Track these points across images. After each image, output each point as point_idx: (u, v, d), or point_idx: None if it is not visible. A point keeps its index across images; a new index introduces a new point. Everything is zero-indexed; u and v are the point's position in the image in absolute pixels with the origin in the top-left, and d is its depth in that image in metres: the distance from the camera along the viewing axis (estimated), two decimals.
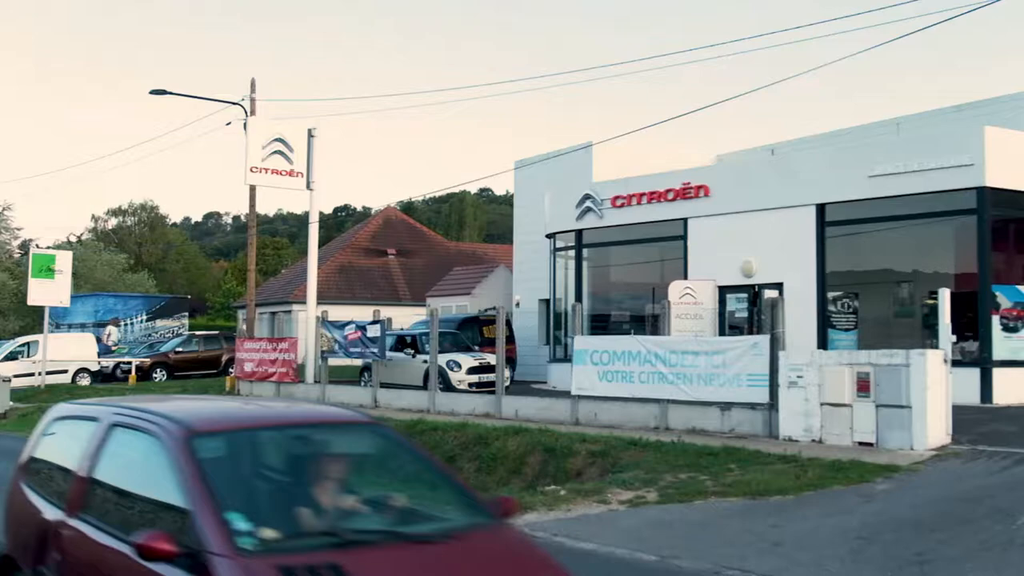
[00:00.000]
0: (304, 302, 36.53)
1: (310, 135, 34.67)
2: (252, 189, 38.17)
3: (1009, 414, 22.01)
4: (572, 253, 34.03)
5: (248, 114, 36.82)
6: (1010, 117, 27.85)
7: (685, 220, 30.15)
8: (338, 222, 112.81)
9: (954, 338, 19.83)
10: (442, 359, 29.34)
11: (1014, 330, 24.55)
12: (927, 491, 14.22)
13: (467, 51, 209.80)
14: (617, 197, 31.59)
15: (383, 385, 30.00)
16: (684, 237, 30.19)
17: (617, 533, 12.69)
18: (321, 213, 38.64)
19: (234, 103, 38.24)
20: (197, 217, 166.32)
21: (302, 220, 62.64)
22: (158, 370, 47.27)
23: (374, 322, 30.47)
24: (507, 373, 28.18)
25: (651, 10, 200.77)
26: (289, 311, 52.28)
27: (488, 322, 34.86)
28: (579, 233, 33.34)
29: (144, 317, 61.36)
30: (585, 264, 33.84)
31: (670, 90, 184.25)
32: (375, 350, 30.07)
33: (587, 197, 32.40)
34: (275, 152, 34.09)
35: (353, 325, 31.27)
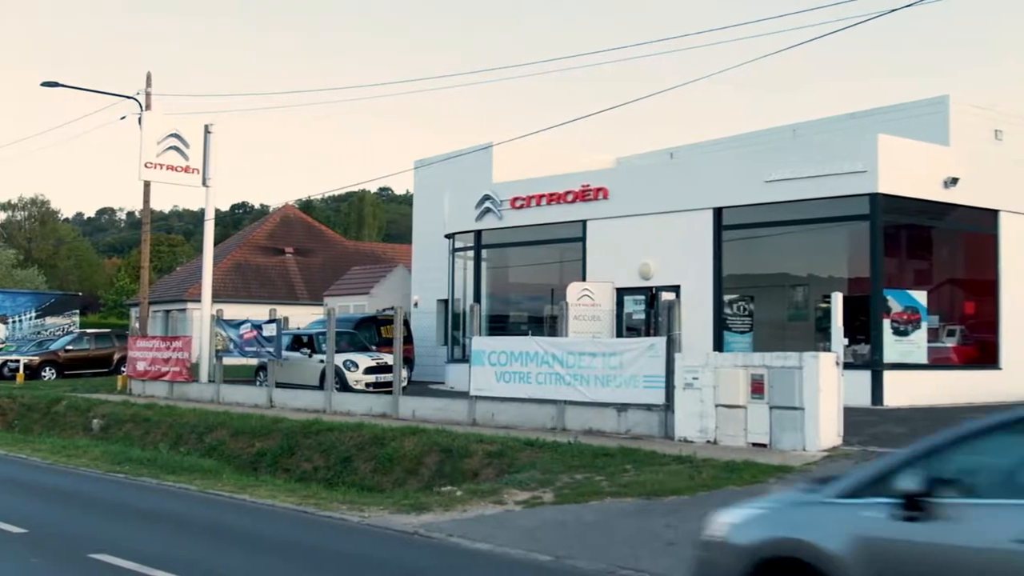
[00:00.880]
0: (199, 300, 36.04)
1: (207, 131, 34.22)
2: (147, 185, 37.57)
3: (899, 416, 22.40)
4: (471, 254, 33.99)
5: (143, 109, 36.22)
6: (903, 126, 28.36)
7: (584, 222, 30.26)
8: (235, 220, 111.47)
9: (846, 341, 20.15)
10: (339, 359, 29.16)
11: (904, 334, 25.01)
12: None
13: (369, 48, 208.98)
14: (517, 198, 31.61)
15: (279, 385, 29.73)
16: (583, 239, 30.30)
17: (513, 534, 12.67)
18: (218, 210, 38.14)
19: (129, 97, 37.62)
20: (90, 213, 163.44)
21: (198, 217, 61.75)
22: (47, 369, 46.18)
23: (270, 321, 30.19)
24: (405, 373, 28.07)
25: (552, 12, 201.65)
26: (184, 309, 51.59)
27: (386, 322, 34.69)
28: (478, 234, 33.31)
29: (33, 314, 60.00)
30: (484, 265, 33.81)
31: (572, 92, 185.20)
32: (271, 349, 29.79)
33: (487, 198, 32.37)
34: (171, 148, 33.59)
35: (249, 324, 30.96)
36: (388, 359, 28.82)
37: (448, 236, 34.98)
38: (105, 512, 16.60)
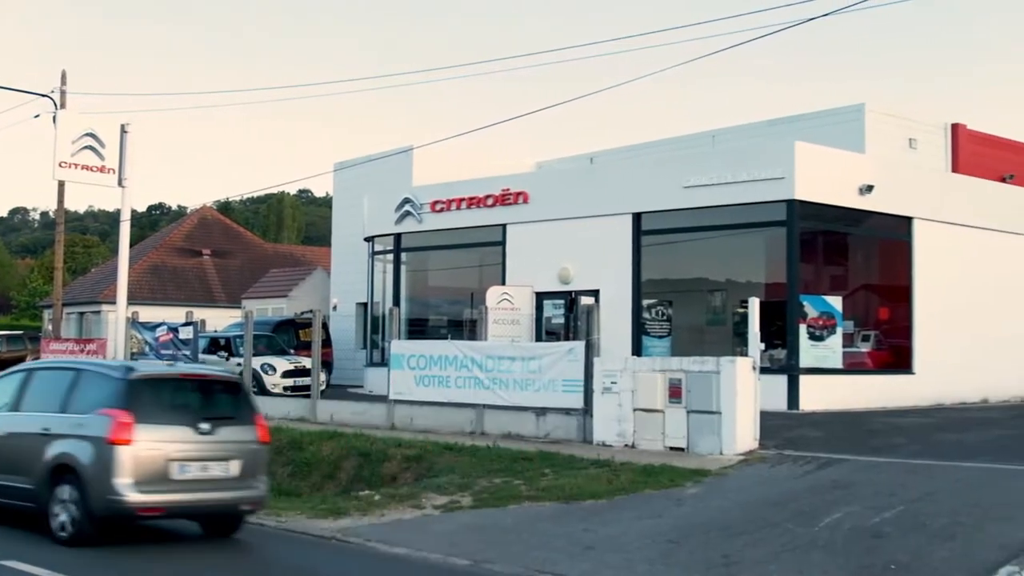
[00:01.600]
0: (114, 302, 35.41)
1: (123, 131, 33.65)
2: (61, 185, 36.99)
3: (814, 420, 22.65)
4: (391, 257, 33.85)
5: (58, 107, 35.67)
6: (820, 133, 28.72)
7: (504, 226, 30.27)
8: (152, 221, 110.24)
9: (763, 346, 20.30)
10: (256, 362, 28.88)
11: (820, 339, 25.28)
12: (735, 495, 14.53)
13: (290, 50, 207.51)
14: (437, 202, 31.53)
15: None
16: (503, 243, 30.30)
17: (431, 538, 12.63)
18: (134, 211, 37.69)
19: (43, 95, 37.02)
20: (2, 212, 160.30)
21: (114, 218, 61.08)
22: None
23: (186, 324, 29.85)
24: (323, 377, 27.89)
25: (476, 16, 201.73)
26: (98, 311, 50.88)
27: (304, 325, 34.48)
28: (398, 237, 33.18)
29: None
30: (404, 268, 33.70)
31: (493, 96, 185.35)
32: (187, 352, 29.42)
33: (407, 201, 32.26)
34: (86, 147, 32.97)
35: (165, 327, 30.57)
36: (306, 362, 28.64)
37: (368, 239, 34.82)
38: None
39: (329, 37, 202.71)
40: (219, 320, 38.15)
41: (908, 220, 27.66)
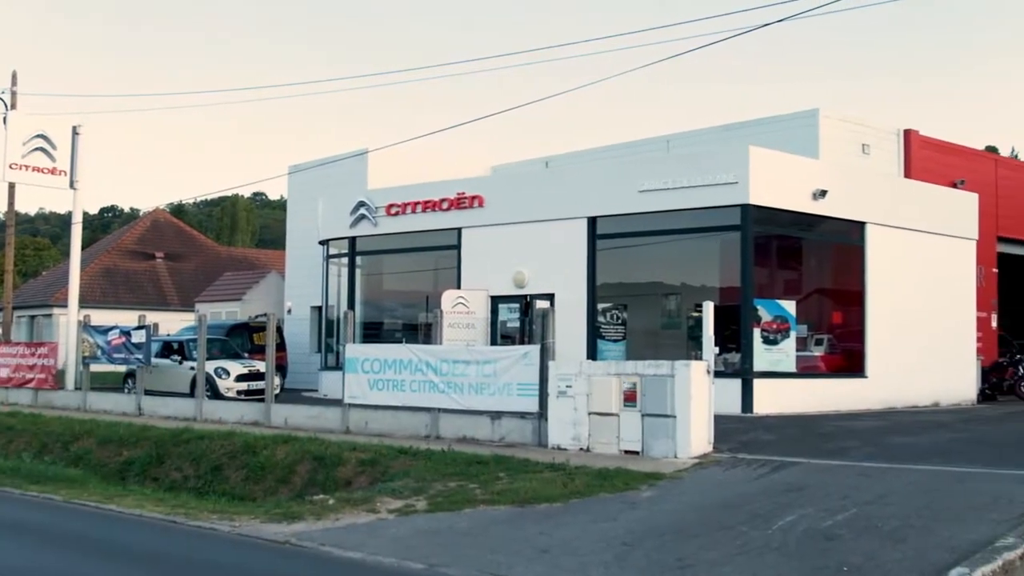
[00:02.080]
0: (66, 305, 35.25)
1: (75, 132, 33.47)
2: (11, 187, 36.68)
3: (768, 423, 22.79)
4: (346, 260, 33.76)
5: (8, 108, 35.37)
6: (774, 138, 28.93)
7: (459, 230, 30.26)
8: (104, 223, 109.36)
9: (717, 350, 20.41)
10: (210, 366, 28.76)
11: (774, 343, 25.45)
12: (689, 498, 14.56)
13: (245, 51, 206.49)
14: (392, 205, 31.48)
15: (148, 392, 29.16)
16: (458, 247, 30.29)
17: (385, 542, 12.57)
18: (86, 214, 37.40)
19: None
20: None
21: (65, 220, 60.47)
22: None
23: (139, 327, 29.62)
24: (277, 381, 27.72)
25: (431, 19, 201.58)
26: (50, 315, 50.48)
27: (258, 329, 34.32)
28: (353, 240, 33.11)
29: None
30: (359, 272, 33.64)
31: (449, 99, 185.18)
32: (140, 356, 29.24)
33: (361, 204, 32.20)
34: (37, 149, 32.79)
35: (117, 330, 30.33)
36: (260, 366, 28.54)
37: (322, 242, 34.74)
38: None
39: (284, 40, 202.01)
40: (172, 324, 37.94)
41: (861, 225, 27.90)
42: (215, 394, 28.75)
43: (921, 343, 28.47)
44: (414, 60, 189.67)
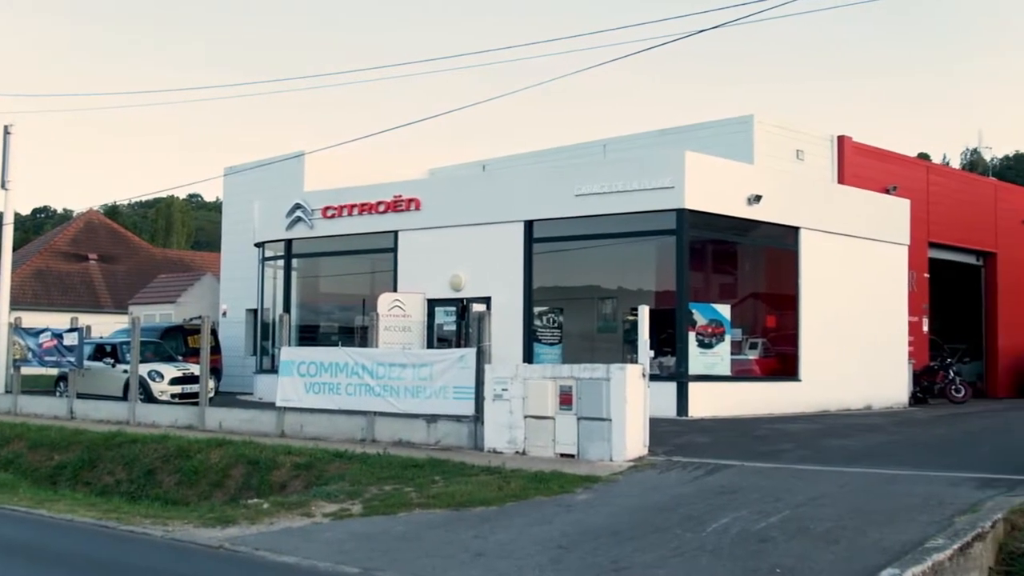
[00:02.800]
0: None
1: (6, 132, 33.05)
2: None
3: (703, 426, 22.93)
4: (281, 263, 33.57)
5: None
6: (710, 143, 29.13)
7: (396, 233, 30.17)
8: (36, 224, 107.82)
9: (652, 353, 20.51)
10: (143, 369, 28.49)
11: (709, 346, 25.61)
12: (624, 501, 14.62)
13: (180, 51, 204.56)
14: (328, 208, 31.34)
15: (80, 396, 28.85)
16: (395, 250, 30.20)
17: (320, 546, 12.52)
18: (17, 215, 36.98)
19: None
20: None
21: None
22: None
23: (71, 330, 29.29)
24: (212, 384, 27.51)
25: (367, 22, 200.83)
26: None
27: (193, 331, 34.04)
28: (289, 243, 32.92)
29: None
30: (295, 274, 33.46)
31: (386, 103, 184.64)
32: (72, 359, 28.91)
33: (298, 207, 32.03)
34: None
35: (49, 333, 29.97)
36: (195, 369, 28.33)
37: (258, 245, 34.52)
38: None
39: (219, 40, 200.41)
40: (106, 326, 37.48)
41: (795, 230, 28.14)
42: (149, 397, 28.47)
43: (854, 347, 28.77)
44: (351, 63, 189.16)
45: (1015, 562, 11.78)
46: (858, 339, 28.97)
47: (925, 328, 36.30)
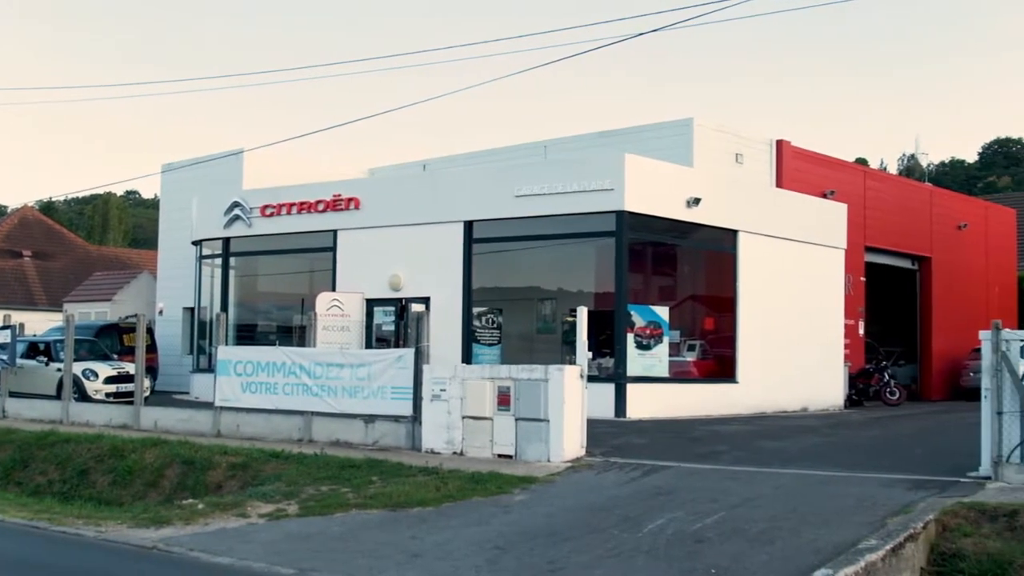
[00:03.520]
0: None
1: None
2: None
3: (640, 427, 23.02)
4: (219, 261, 33.32)
5: None
6: (650, 146, 29.26)
7: (335, 232, 30.03)
8: None
9: (591, 354, 20.56)
10: (77, 367, 28.12)
11: (647, 348, 25.70)
12: (561, 501, 14.65)
13: (118, 46, 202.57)
14: (267, 206, 31.14)
15: (13, 394, 28.42)
16: (334, 249, 30.07)
17: (255, 547, 12.44)
18: None
19: None
20: None
21: None
22: None
23: (3, 327, 28.85)
24: (147, 383, 27.22)
25: (308, 18, 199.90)
26: None
27: (129, 330, 33.65)
28: (227, 241, 32.67)
29: None
30: (232, 273, 33.21)
31: (326, 101, 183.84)
32: (4, 357, 28.47)
33: (236, 205, 31.79)
34: None
35: None
36: (130, 368, 28.01)
37: (195, 243, 34.23)
38: None
39: (157, 35, 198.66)
40: (40, 324, 37.04)
41: (733, 233, 28.32)
42: (83, 396, 28.12)
43: (791, 349, 29.01)
44: (291, 61, 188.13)
45: (946, 562, 11.92)
46: (795, 342, 29.21)
47: (861, 331, 36.66)
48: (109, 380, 29.34)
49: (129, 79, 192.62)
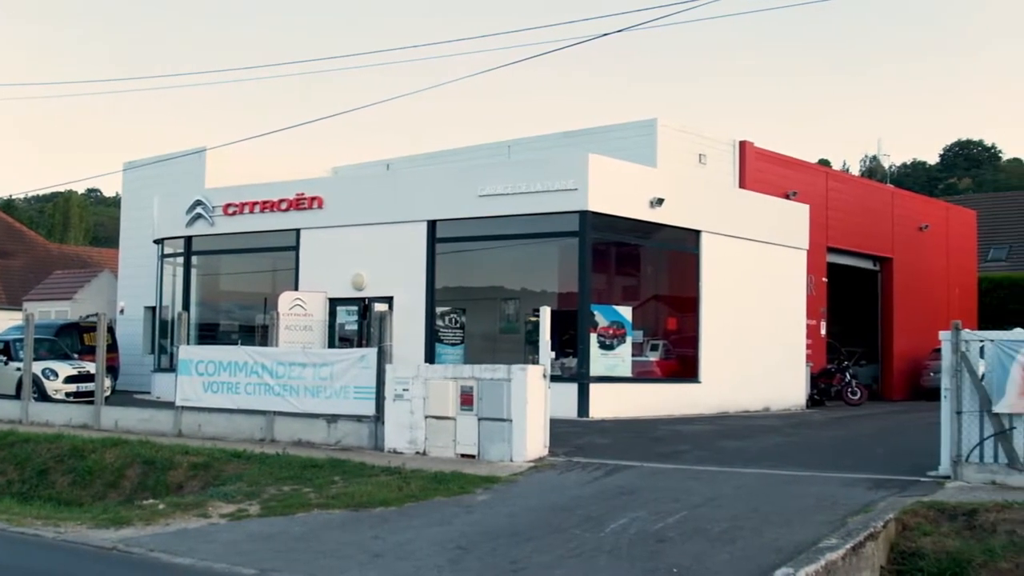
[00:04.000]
0: None
1: None
2: None
3: (603, 427, 23.05)
4: (181, 260, 33.13)
5: None
6: (614, 146, 29.30)
7: (298, 231, 29.92)
8: None
9: (554, 354, 20.56)
10: (37, 367, 27.91)
11: (610, 347, 25.74)
12: (524, 501, 14.64)
13: (80, 43, 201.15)
14: (229, 205, 30.99)
15: None
16: (296, 248, 29.95)
17: (217, 547, 12.38)
18: None
19: None
20: None
21: None
22: None
23: None
24: (108, 383, 27.06)
25: (274, 18, 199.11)
26: None
27: (89, 329, 33.40)
28: (189, 240, 32.50)
29: None
30: (194, 272, 33.04)
31: (290, 100, 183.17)
32: None
33: (198, 203, 31.62)
34: None
35: None
36: (90, 367, 27.83)
37: (157, 241, 34.03)
38: None
39: (119, 33, 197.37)
40: None
41: (696, 233, 28.40)
42: (43, 396, 27.91)
43: (753, 350, 29.12)
44: (256, 59, 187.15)
45: (906, 561, 12.00)
46: (757, 342, 29.33)
47: (823, 331, 36.85)
48: (69, 379, 29.14)
49: (91, 76, 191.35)
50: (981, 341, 15.02)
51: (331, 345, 27.79)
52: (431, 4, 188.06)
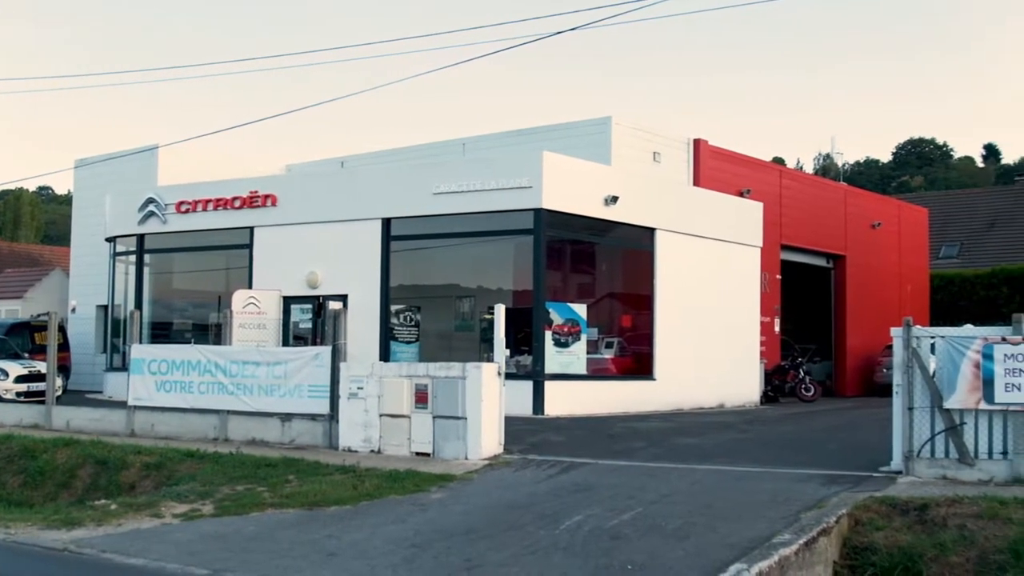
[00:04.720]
0: None
1: None
2: None
3: (558, 425, 23.06)
4: (134, 258, 32.88)
5: None
6: (569, 144, 29.32)
7: (252, 229, 29.77)
8: None
9: (508, 352, 20.58)
10: None
11: (565, 345, 25.78)
12: (479, 499, 14.63)
13: (33, 39, 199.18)
14: (182, 203, 30.80)
15: None
16: (250, 246, 29.80)
17: (169, 548, 12.27)
18: None
19: None
20: None
21: None
22: None
23: None
24: (60, 382, 26.86)
25: (227, 15, 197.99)
26: None
27: (40, 328, 33.19)
28: (141, 238, 32.26)
29: None
30: (147, 270, 32.80)
31: (244, 97, 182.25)
32: None
33: (151, 201, 31.40)
34: None
35: None
36: (41, 367, 27.56)
37: (109, 239, 33.78)
38: None
39: (71, 28, 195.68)
40: None
41: (651, 231, 28.50)
42: None
43: (708, 347, 29.27)
44: (207, 57, 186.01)
45: (859, 556, 12.09)
46: (712, 339, 29.48)
47: (777, 328, 37.06)
48: (20, 379, 28.88)
49: (42, 73, 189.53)
50: (932, 338, 15.15)
51: (285, 343, 27.70)
52: (385, 1, 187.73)
